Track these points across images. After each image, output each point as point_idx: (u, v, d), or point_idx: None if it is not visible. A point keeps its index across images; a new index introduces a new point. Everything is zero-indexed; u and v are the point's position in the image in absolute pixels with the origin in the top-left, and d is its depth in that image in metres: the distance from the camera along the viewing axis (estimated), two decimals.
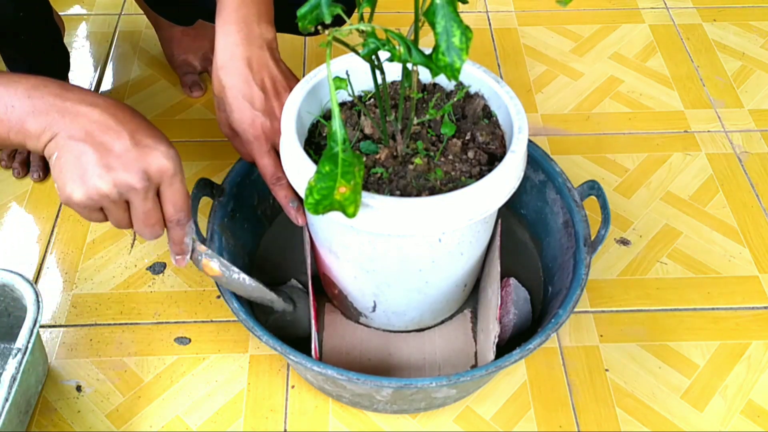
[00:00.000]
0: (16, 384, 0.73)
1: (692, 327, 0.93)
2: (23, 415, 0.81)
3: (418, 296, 0.82)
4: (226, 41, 0.80)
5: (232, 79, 0.79)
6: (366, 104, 0.80)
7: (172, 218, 0.69)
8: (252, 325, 0.76)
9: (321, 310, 0.91)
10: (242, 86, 0.79)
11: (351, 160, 0.61)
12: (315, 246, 0.83)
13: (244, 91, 0.79)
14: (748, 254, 1.01)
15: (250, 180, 0.91)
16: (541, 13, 1.39)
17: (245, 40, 0.80)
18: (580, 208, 0.86)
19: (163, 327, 0.93)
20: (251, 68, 0.79)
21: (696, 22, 1.37)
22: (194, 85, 1.21)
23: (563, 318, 0.76)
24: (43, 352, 0.86)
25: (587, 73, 1.27)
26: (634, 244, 1.02)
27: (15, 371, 0.74)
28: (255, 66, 0.80)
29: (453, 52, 0.55)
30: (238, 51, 0.79)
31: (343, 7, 0.60)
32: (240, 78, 0.79)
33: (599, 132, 1.17)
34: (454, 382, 0.72)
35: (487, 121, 0.78)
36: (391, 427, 0.84)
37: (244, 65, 0.79)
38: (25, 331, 0.76)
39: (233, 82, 0.79)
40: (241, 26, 0.80)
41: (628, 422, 0.85)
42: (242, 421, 0.84)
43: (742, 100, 1.22)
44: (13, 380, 0.73)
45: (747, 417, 0.85)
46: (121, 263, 0.99)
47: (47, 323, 0.93)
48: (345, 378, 0.72)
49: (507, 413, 0.85)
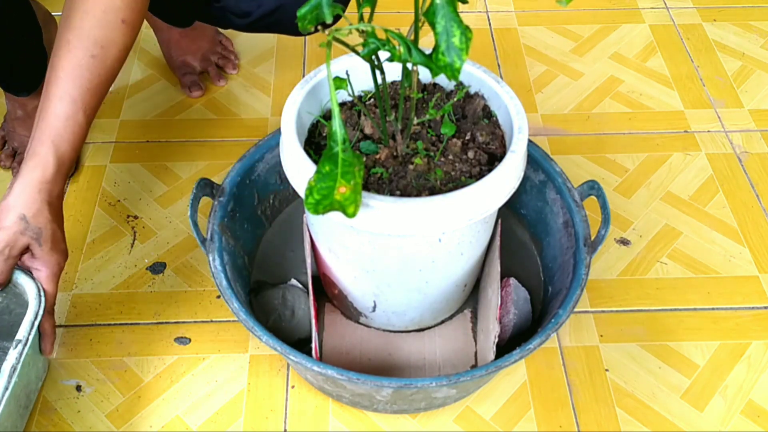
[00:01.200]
0: (16, 374, 0.73)
1: (692, 327, 0.93)
2: (23, 409, 0.81)
3: (418, 296, 0.82)
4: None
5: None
6: (366, 104, 0.80)
7: None
8: (252, 325, 0.76)
9: (321, 310, 0.91)
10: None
11: (351, 160, 0.61)
12: (315, 246, 0.83)
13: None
14: (748, 254, 1.01)
15: (250, 180, 0.91)
16: (541, 13, 1.39)
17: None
18: (580, 208, 0.86)
19: (163, 327, 0.93)
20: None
21: (696, 22, 1.37)
22: (193, 86, 1.21)
23: (563, 318, 0.76)
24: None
25: (587, 73, 1.27)
26: (634, 244, 1.02)
27: (15, 361, 0.74)
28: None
29: (453, 52, 0.55)
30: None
31: (343, 7, 0.60)
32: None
33: (599, 132, 1.17)
34: (454, 382, 0.72)
35: (487, 121, 0.78)
36: (391, 427, 0.84)
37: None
38: (26, 323, 0.76)
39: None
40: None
41: (628, 422, 0.85)
42: (242, 421, 0.84)
43: (742, 100, 1.22)
44: (13, 370, 0.73)
45: (747, 417, 0.85)
46: (121, 263, 0.99)
47: None
48: (345, 378, 0.72)
49: (507, 413, 0.85)
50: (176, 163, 1.11)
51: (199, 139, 1.15)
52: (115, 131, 1.16)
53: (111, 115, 1.19)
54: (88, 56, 0.78)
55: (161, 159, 1.12)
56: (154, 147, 1.14)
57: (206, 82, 1.24)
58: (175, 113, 1.19)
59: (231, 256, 0.85)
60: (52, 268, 0.78)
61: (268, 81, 1.24)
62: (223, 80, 1.23)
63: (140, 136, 1.15)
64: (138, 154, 1.12)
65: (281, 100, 1.20)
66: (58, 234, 0.78)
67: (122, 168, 1.11)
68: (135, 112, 1.19)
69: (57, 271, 0.79)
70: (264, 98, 1.22)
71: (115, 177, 1.09)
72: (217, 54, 1.25)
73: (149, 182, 1.09)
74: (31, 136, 0.79)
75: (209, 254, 0.82)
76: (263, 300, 0.88)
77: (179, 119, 1.18)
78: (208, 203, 0.87)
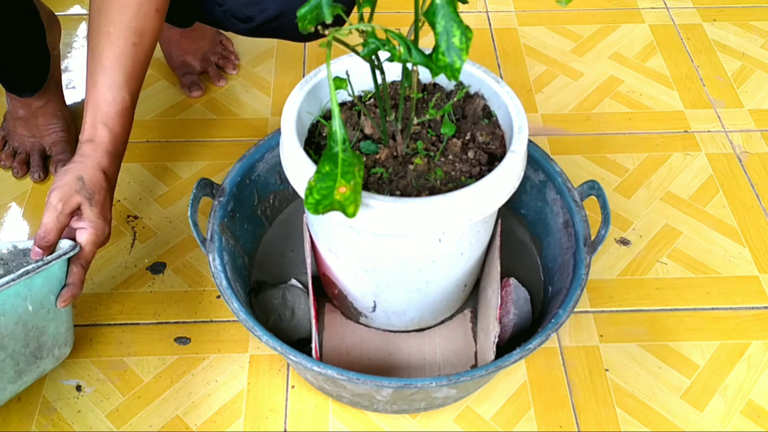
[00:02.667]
0: (27, 278, 0.73)
1: (692, 327, 0.93)
2: (30, 354, 0.79)
3: (418, 296, 0.82)
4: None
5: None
6: (366, 104, 0.80)
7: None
8: (252, 325, 0.76)
9: (321, 310, 0.91)
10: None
11: (351, 160, 0.61)
12: (315, 246, 0.83)
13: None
14: (748, 254, 1.01)
15: (250, 180, 0.91)
16: (541, 13, 1.39)
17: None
18: (580, 208, 0.86)
19: (163, 327, 0.93)
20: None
21: (696, 22, 1.37)
22: (193, 86, 1.21)
23: (563, 318, 0.76)
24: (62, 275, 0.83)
25: (587, 73, 1.27)
26: (634, 244, 1.02)
27: (32, 268, 0.74)
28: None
29: (453, 52, 0.55)
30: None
31: (343, 7, 0.60)
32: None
33: (599, 132, 1.17)
34: (454, 382, 0.72)
35: (487, 121, 0.78)
36: (391, 427, 0.84)
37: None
38: (56, 254, 0.76)
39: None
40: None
41: (628, 422, 0.85)
42: (242, 421, 0.84)
43: (742, 100, 1.22)
44: (26, 273, 0.73)
45: (747, 417, 0.85)
46: (121, 263, 0.99)
47: None
48: (345, 378, 0.72)
49: (507, 413, 0.85)
50: (176, 163, 1.11)
51: (199, 139, 1.15)
52: None
53: None
54: (129, 45, 0.84)
55: (161, 159, 1.12)
56: (154, 147, 1.14)
57: (206, 82, 1.24)
58: (175, 113, 1.19)
59: (231, 256, 0.85)
60: (96, 232, 0.80)
61: (268, 81, 1.24)
62: (223, 80, 1.23)
63: (140, 136, 1.15)
64: (138, 154, 1.12)
65: (281, 100, 1.20)
66: (108, 203, 0.82)
67: (122, 168, 1.10)
68: (135, 112, 1.19)
69: (100, 237, 0.81)
70: (264, 98, 1.22)
71: None
72: (217, 54, 1.25)
73: (149, 182, 1.09)
74: (82, 125, 0.84)
75: (209, 254, 0.82)
76: (263, 300, 0.88)
77: (179, 119, 1.18)
78: (208, 203, 0.87)
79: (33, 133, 1.09)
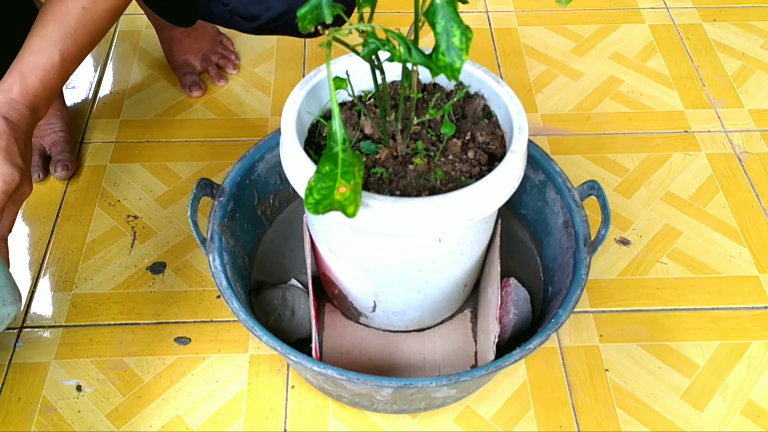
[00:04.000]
0: None
1: (692, 327, 0.93)
2: None
3: (418, 296, 0.82)
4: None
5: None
6: (366, 104, 0.80)
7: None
8: (252, 325, 0.76)
9: (321, 310, 0.91)
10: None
11: (351, 160, 0.61)
12: (315, 246, 0.83)
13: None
14: (748, 254, 1.01)
15: (250, 180, 0.91)
16: (541, 13, 1.39)
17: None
18: (580, 208, 0.86)
19: (163, 327, 0.93)
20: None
21: (696, 22, 1.37)
22: (194, 85, 1.21)
23: (563, 318, 0.76)
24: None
25: (587, 73, 1.27)
26: (634, 244, 1.02)
27: None
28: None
29: (453, 52, 0.55)
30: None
31: (343, 7, 0.60)
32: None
33: (599, 132, 1.17)
34: (454, 382, 0.72)
35: (487, 121, 0.78)
36: (391, 427, 0.84)
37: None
38: None
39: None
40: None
41: (628, 422, 0.85)
42: (242, 421, 0.84)
43: (742, 100, 1.22)
44: None
45: (747, 417, 0.85)
46: (121, 263, 0.99)
47: (47, 323, 0.93)
48: (345, 378, 0.72)
49: (507, 413, 0.85)
50: (176, 163, 1.11)
51: (199, 139, 1.15)
52: (115, 131, 1.16)
53: (111, 115, 1.19)
54: (78, 8, 0.79)
55: (161, 159, 1.12)
56: (154, 147, 1.14)
57: (207, 81, 1.24)
58: (175, 113, 1.19)
59: (231, 256, 0.85)
60: (2, 178, 0.72)
61: (268, 81, 1.25)
62: (223, 80, 1.24)
63: (140, 136, 1.15)
64: (138, 154, 1.13)
65: (281, 100, 1.20)
66: (14, 147, 0.74)
67: (122, 168, 1.11)
68: (135, 112, 1.20)
69: (9, 185, 0.72)
70: (264, 98, 1.22)
71: (115, 177, 1.09)
72: (217, 54, 1.25)
73: (149, 182, 1.09)
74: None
75: (209, 254, 0.82)
76: (263, 300, 0.88)
77: (179, 119, 1.18)
78: (208, 203, 0.87)
79: (33, 134, 1.09)
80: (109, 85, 1.24)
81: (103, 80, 1.25)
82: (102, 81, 1.25)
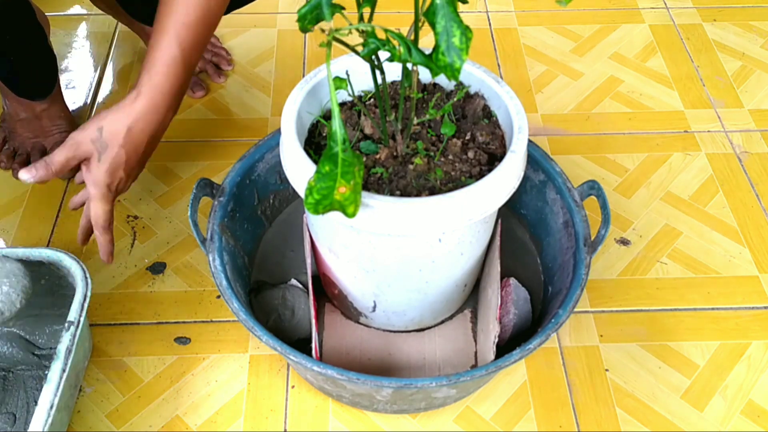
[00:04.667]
0: (71, 356, 0.74)
1: (692, 327, 0.93)
2: (73, 389, 0.82)
3: (418, 296, 0.82)
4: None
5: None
6: (366, 104, 0.80)
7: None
8: (252, 325, 0.76)
9: (321, 310, 0.91)
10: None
11: (351, 160, 0.61)
12: (315, 246, 0.83)
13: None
14: (748, 254, 1.01)
15: (250, 180, 0.91)
16: (541, 13, 1.39)
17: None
18: (580, 208, 0.86)
19: (163, 327, 0.93)
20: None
21: (696, 22, 1.37)
22: (196, 86, 1.21)
23: (563, 318, 0.76)
24: (89, 328, 0.87)
25: (587, 73, 1.27)
26: (634, 244, 1.02)
27: (69, 343, 0.75)
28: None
29: (453, 52, 0.55)
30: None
31: (343, 8, 0.60)
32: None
33: (599, 132, 1.17)
34: (454, 382, 0.72)
35: (487, 121, 0.78)
36: (391, 427, 0.84)
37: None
38: (76, 305, 0.77)
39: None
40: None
41: (628, 422, 0.85)
42: (242, 421, 0.84)
43: (742, 100, 1.22)
44: (68, 352, 0.74)
45: (747, 417, 0.85)
46: (121, 263, 0.99)
47: None
48: (345, 378, 0.72)
49: (507, 413, 0.85)
50: (176, 163, 1.11)
51: (199, 139, 1.15)
52: None
53: None
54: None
55: (161, 159, 1.12)
56: None
57: (207, 81, 1.24)
58: None
59: (231, 256, 0.85)
60: (101, 189, 0.79)
61: (268, 81, 1.25)
62: (222, 77, 1.24)
63: None
64: None
65: (281, 100, 1.20)
66: (121, 159, 0.80)
67: None
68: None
69: (97, 206, 0.80)
70: (264, 98, 1.22)
71: None
72: (209, 52, 1.26)
73: (149, 182, 1.09)
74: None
75: (209, 254, 0.82)
76: (263, 300, 0.88)
77: (179, 119, 1.18)
78: (208, 203, 0.87)
79: (36, 134, 1.09)
80: (109, 85, 1.24)
81: (103, 80, 1.25)
82: (102, 81, 1.25)
